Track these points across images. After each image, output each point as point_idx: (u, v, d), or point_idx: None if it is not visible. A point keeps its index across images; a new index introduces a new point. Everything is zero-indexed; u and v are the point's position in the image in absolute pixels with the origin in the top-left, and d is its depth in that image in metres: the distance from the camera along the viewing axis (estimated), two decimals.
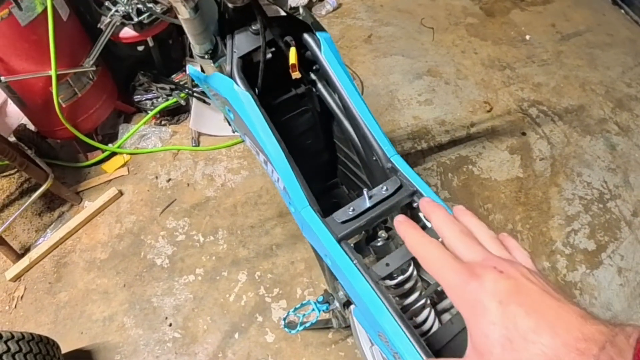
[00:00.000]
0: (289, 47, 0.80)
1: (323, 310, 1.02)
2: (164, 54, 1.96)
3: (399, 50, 2.41)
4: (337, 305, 0.97)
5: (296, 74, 0.81)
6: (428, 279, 0.73)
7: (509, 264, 0.32)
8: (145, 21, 1.69)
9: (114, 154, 1.95)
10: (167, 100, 2.00)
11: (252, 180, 1.85)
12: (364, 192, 0.65)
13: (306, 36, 0.84)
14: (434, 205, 0.41)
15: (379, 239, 0.75)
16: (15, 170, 1.91)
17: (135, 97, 2.03)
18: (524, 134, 2.03)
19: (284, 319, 1.09)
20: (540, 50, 2.42)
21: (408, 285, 0.68)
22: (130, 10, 1.64)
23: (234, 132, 1.23)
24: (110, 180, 1.89)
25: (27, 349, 1.13)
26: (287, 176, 0.71)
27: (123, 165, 1.92)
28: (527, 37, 2.49)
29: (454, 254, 0.35)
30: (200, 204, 1.79)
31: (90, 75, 1.75)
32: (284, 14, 0.86)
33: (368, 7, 2.69)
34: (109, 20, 1.64)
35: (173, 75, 2.03)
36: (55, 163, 1.90)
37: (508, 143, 1.99)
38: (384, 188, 0.66)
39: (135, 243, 1.69)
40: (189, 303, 1.53)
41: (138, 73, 1.98)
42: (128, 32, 1.71)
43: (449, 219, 0.38)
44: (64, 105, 1.67)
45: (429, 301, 0.69)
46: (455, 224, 0.38)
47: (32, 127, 1.91)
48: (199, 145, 1.98)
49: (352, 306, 0.74)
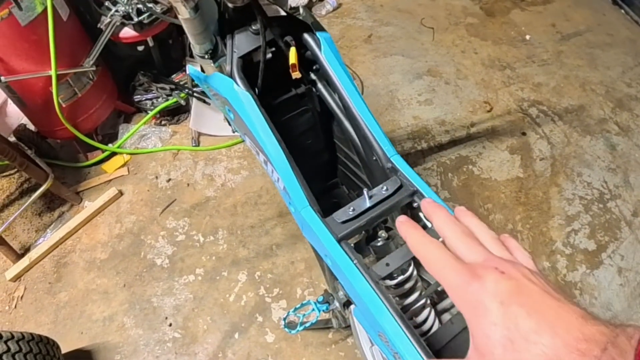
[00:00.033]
0: (289, 47, 0.80)
1: (323, 310, 1.02)
2: (164, 54, 1.96)
3: (399, 50, 2.41)
4: (337, 305, 0.97)
5: (296, 73, 0.81)
6: (428, 279, 0.73)
7: (511, 264, 0.32)
8: (145, 21, 1.69)
9: (114, 154, 1.95)
10: (167, 100, 2.00)
11: (252, 180, 1.85)
12: (364, 192, 0.65)
13: (306, 36, 0.84)
14: (435, 205, 0.41)
15: (379, 239, 0.75)
16: (15, 170, 1.90)
17: (135, 97, 2.03)
18: (524, 134, 2.03)
19: (284, 319, 1.09)
20: (541, 50, 2.42)
21: (408, 285, 0.68)
22: (130, 10, 1.64)
23: (234, 132, 1.23)
24: (110, 180, 1.89)
25: (27, 349, 1.13)
26: (287, 176, 0.71)
27: (123, 165, 1.92)
28: (527, 37, 2.49)
29: (456, 255, 0.35)
30: (200, 204, 1.79)
31: (90, 75, 1.75)
32: (284, 13, 0.86)
33: (368, 7, 2.69)
34: (109, 20, 1.64)
35: (173, 75, 2.03)
36: (55, 163, 1.90)
37: (508, 143, 1.99)
38: (384, 188, 0.66)
39: (135, 243, 1.69)
40: (189, 303, 1.53)
41: (138, 73, 1.98)
42: (128, 32, 1.71)
43: (450, 220, 0.38)
44: (64, 105, 1.67)
45: (429, 301, 0.69)
46: (456, 224, 0.38)
47: (32, 127, 1.90)
48: (199, 145, 1.98)
49: (352, 306, 0.74)
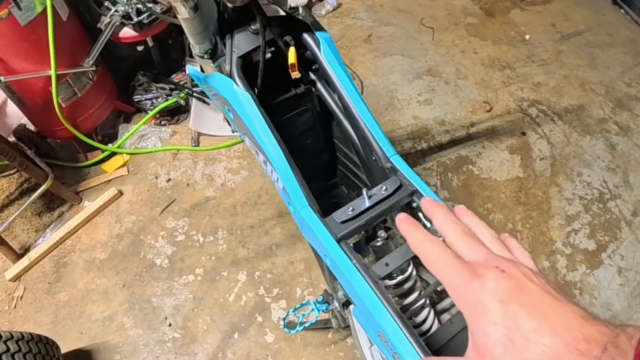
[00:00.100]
0: (288, 47, 0.80)
1: (322, 310, 1.01)
2: (164, 54, 1.95)
3: (399, 50, 2.41)
4: (337, 305, 0.97)
5: (296, 73, 0.81)
6: (427, 279, 0.73)
7: (511, 263, 0.32)
8: (145, 21, 1.69)
9: (113, 154, 1.95)
10: (167, 100, 2.00)
11: (252, 180, 1.85)
12: (364, 192, 0.65)
13: (306, 36, 0.84)
14: (435, 204, 0.41)
15: (378, 239, 0.74)
16: (15, 170, 1.90)
17: (135, 97, 2.02)
18: (523, 133, 2.03)
19: (284, 319, 1.09)
20: (540, 50, 2.42)
21: (407, 285, 0.68)
22: (130, 10, 1.64)
23: (233, 132, 1.23)
24: (110, 180, 1.89)
25: (27, 349, 1.13)
26: (287, 176, 0.71)
27: (123, 165, 1.92)
28: (527, 37, 2.49)
29: (456, 254, 0.35)
30: (200, 204, 1.79)
31: (90, 75, 1.75)
32: (283, 13, 0.86)
33: (368, 7, 2.69)
34: (108, 20, 1.64)
35: (173, 75, 2.03)
36: (55, 163, 1.90)
37: (508, 143, 1.99)
38: (384, 188, 0.66)
39: (135, 243, 1.69)
40: (189, 303, 1.53)
41: (138, 73, 1.98)
42: (128, 32, 1.71)
43: (450, 219, 0.38)
44: (63, 105, 1.67)
45: (428, 301, 0.69)
46: (457, 223, 0.38)
47: (32, 127, 1.90)
48: (198, 145, 1.98)
49: (352, 306, 0.74)
